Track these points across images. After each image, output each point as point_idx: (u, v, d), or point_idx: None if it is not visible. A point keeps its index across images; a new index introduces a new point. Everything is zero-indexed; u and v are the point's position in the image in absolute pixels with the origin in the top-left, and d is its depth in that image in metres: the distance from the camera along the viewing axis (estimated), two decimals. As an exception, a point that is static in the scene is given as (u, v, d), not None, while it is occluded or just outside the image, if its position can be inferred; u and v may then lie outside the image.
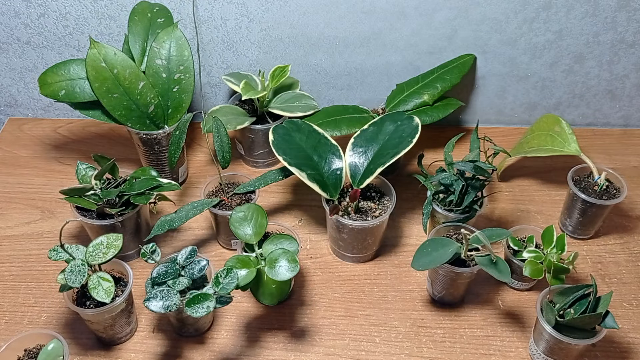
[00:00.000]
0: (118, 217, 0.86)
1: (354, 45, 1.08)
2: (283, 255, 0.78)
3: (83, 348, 0.82)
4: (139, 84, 0.95)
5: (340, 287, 0.91)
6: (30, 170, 1.10)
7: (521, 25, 1.04)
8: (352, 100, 1.16)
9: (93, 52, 0.92)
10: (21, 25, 1.08)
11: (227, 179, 0.97)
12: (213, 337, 0.84)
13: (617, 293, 0.88)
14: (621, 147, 1.14)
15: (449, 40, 1.07)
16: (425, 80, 1.06)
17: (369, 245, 0.92)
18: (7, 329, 0.85)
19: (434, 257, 0.78)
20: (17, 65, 1.14)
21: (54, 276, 0.87)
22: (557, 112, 1.16)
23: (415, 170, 1.05)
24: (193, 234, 0.98)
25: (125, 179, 0.89)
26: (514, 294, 0.89)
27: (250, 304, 0.88)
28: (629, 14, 1.02)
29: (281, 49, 1.09)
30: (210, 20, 1.06)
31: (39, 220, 1.01)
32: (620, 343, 0.83)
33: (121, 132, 1.16)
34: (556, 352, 0.77)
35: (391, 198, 0.91)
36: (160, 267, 0.76)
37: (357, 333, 0.84)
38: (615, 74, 1.10)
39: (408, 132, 0.89)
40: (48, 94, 0.95)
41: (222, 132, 0.89)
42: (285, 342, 0.83)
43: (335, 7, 1.03)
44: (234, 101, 1.10)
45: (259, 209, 0.84)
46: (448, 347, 0.83)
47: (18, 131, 1.19)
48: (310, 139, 0.91)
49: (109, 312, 0.76)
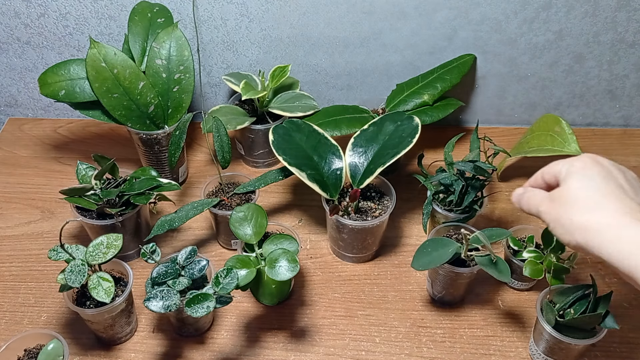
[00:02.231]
0: (118, 217, 0.86)
1: (354, 45, 1.08)
2: (283, 255, 0.78)
3: (83, 348, 0.82)
4: (139, 84, 0.95)
5: (340, 287, 0.91)
6: (30, 170, 1.10)
7: (521, 25, 1.04)
8: (352, 100, 1.16)
9: (93, 52, 0.92)
10: (21, 25, 1.08)
11: (227, 179, 0.97)
12: (213, 337, 0.84)
13: (617, 293, 0.88)
14: (621, 147, 1.14)
15: (449, 40, 1.07)
16: (425, 80, 1.06)
17: (369, 245, 0.92)
18: (7, 329, 0.85)
19: (434, 257, 0.78)
20: (17, 65, 1.14)
21: (54, 276, 0.87)
22: (557, 112, 1.16)
23: (415, 170, 1.05)
24: (193, 234, 0.98)
25: (125, 179, 0.89)
26: (514, 294, 0.89)
27: (250, 304, 0.88)
28: (629, 14, 1.02)
29: (281, 49, 1.09)
30: (210, 20, 1.06)
31: (39, 220, 1.01)
32: (620, 343, 0.83)
33: (121, 132, 1.16)
34: (556, 352, 0.77)
35: (391, 198, 0.91)
36: (160, 267, 0.76)
37: (357, 333, 0.84)
38: (615, 74, 1.10)
39: (408, 132, 0.89)
40: (48, 94, 0.95)
41: (222, 132, 0.89)
42: (285, 342, 0.83)
43: (335, 7, 1.03)
44: (234, 101, 1.10)
45: (259, 209, 0.84)
46: (448, 347, 0.83)
47: (18, 131, 1.19)
48: (310, 139, 0.91)
49: (109, 312, 0.77)
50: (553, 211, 0.60)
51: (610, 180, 0.59)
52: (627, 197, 0.58)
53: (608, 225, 0.55)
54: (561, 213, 0.59)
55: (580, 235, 0.57)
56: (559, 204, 0.60)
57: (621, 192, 0.58)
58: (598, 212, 0.57)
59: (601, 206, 0.57)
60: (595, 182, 0.59)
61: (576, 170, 0.61)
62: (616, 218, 0.55)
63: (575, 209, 0.58)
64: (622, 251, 0.53)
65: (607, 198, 0.57)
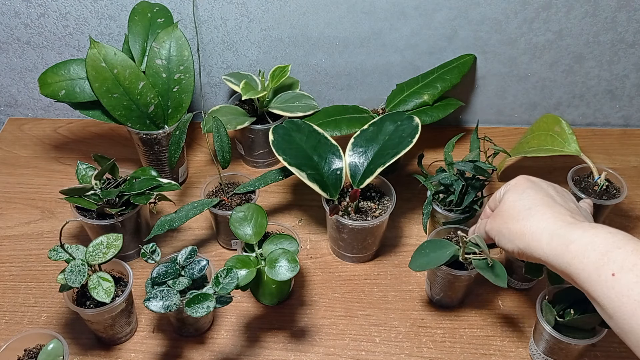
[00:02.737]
0: (118, 217, 0.86)
1: (354, 45, 1.08)
2: (283, 255, 0.78)
3: (83, 348, 0.82)
4: (139, 84, 0.95)
5: (340, 287, 0.91)
6: (30, 170, 1.10)
7: (521, 25, 1.04)
8: (352, 100, 1.16)
9: (93, 52, 0.92)
10: (21, 25, 1.08)
11: (227, 179, 0.97)
12: (213, 337, 0.84)
13: (617, 293, 0.88)
14: (621, 147, 1.14)
15: (449, 40, 1.07)
16: (425, 80, 1.06)
17: (369, 245, 0.92)
18: (7, 329, 0.85)
19: (432, 258, 0.78)
20: (17, 65, 1.14)
21: (54, 276, 0.87)
22: (557, 112, 1.16)
23: (415, 170, 1.05)
24: (193, 234, 0.98)
25: (125, 179, 0.89)
26: (514, 294, 0.89)
27: (250, 304, 0.88)
28: (629, 14, 1.02)
29: (281, 49, 1.09)
30: (210, 20, 1.06)
31: (39, 220, 1.01)
32: (621, 343, 0.82)
33: (121, 132, 1.16)
34: (556, 352, 0.77)
35: (391, 198, 0.91)
36: (160, 267, 0.76)
37: (357, 333, 0.84)
38: (615, 74, 1.10)
39: (408, 132, 0.89)
40: (48, 94, 0.95)
41: (222, 132, 0.89)
42: (285, 342, 0.83)
43: (335, 7, 1.03)
44: (234, 101, 1.10)
45: (259, 209, 0.84)
46: (448, 347, 0.83)
47: (18, 131, 1.19)
48: (310, 139, 0.91)
49: (109, 312, 0.76)
50: (495, 225, 0.69)
51: (540, 191, 0.68)
52: (556, 204, 0.65)
53: (542, 229, 0.62)
54: (501, 224, 0.68)
55: (520, 241, 0.64)
56: (498, 217, 0.69)
57: (551, 200, 0.66)
58: (532, 219, 0.64)
59: (534, 213, 0.64)
60: (527, 194, 0.67)
61: (510, 187, 0.70)
62: (549, 222, 0.63)
63: (512, 218, 0.66)
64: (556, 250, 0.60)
65: (539, 206, 0.65)
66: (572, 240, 0.59)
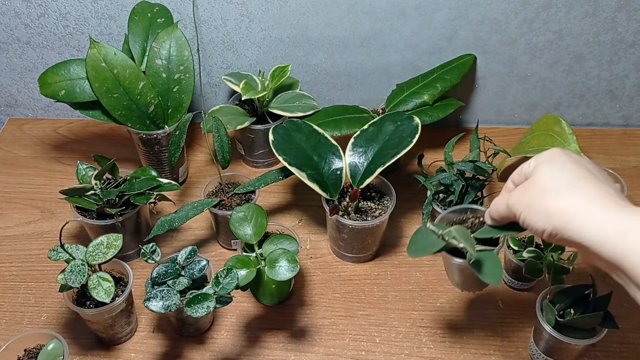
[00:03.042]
0: (118, 217, 0.86)
1: (354, 45, 1.08)
2: (283, 255, 0.78)
3: (83, 348, 0.82)
4: (139, 84, 0.95)
5: (340, 287, 0.91)
6: (30, 170, 1.10)
7: (521, 25, 1.04)
8: (352, 100, 1.16)
9: (93, 52, 0.92)
10: (21, 25, 1.08)
11: (227, 179, 0.97)
12: (213, 337, 0.84)
13: (617, 293, 0.88)
14: (621, 147, 1.14)
15: (449, 40, 1.07)
16: (425, 80, 1.06)
17: (369, 245, 0.92)
18: (7, 329, 0.85)
19: (428, 242, 0.70)
20: (17, 65, 1.14)
21: (54, 276, 0.87)
22: (557, 112, 1.16)
23: (415, 170, 1.05)
24: (193, 234, 0.98)
25: (125, 179, 0.89)
26: (514, 294, 0.89)
27: (250, 304, 0.88)
28: (629, 14, 1.02)
29: (281, 49, 1.09)
30: (210, 20, 1.06)
31: (39, 220, 1.01)
32: (620, 343, 0.83)
33: (121, 132, 1.16)
34: (556, 352, 0.77)
35: (391, 198, 0.91)
36: (160, 267, 0.76)
37: (357, 333, 0.84)
38: (615, 74, 1.10)
39: (408, 132, 0.89)
40: (48, 94, 0.95)
41: (222, 132, 0.89)
42: (285, 342, 0.83)
43: (335, 7, 1.03)
44: (234, 101, 1.10)
45: (259, 209, 0.84)
46: (448, 347, 0.83)
47: (18, 131, 1.19)
48: (310, 139, 0.91)
49: (109, 312, 0.77)
50: (524, 198, 0.58)
51: (580, 165, 0.57)
52: (601, 182, 0.56)
53: (588, 209, 0.53)
54: (534, 199, 0.57)
55: (557, 219, 0.54)
56: (530, 191, 0.58)
57: (594, 177, 0.56)
58: (574, 196, 0.54)
59: (577, 189, 0.55)
60: (566, 167, 0.57)
61: (545, 159, 0.59)
62: (598, 202, 0.53)
63: (549, 193, 0.56)
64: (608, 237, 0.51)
65: (582, 182, 0.55)
66: (630, 227, 0.50)
